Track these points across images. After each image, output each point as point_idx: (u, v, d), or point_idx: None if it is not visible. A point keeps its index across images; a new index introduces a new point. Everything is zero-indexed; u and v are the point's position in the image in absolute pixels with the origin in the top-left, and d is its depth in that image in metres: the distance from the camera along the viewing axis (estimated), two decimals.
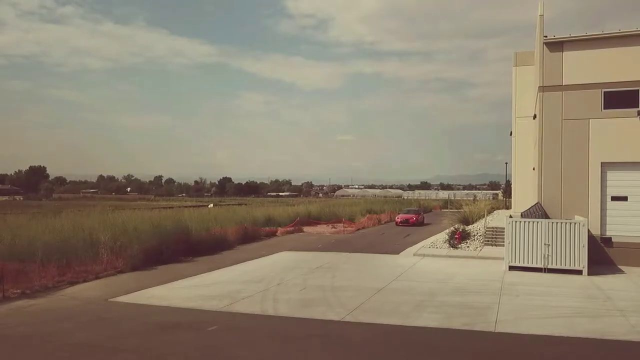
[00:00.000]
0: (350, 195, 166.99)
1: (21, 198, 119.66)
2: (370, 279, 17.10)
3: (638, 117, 19.68)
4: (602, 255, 19.87)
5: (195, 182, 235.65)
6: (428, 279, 17.10)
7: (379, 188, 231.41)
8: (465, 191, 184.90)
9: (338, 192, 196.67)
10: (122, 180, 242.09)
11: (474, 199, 71.71)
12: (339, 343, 10.27)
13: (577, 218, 19.13)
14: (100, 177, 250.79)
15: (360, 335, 10.74)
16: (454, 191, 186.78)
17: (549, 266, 18.17)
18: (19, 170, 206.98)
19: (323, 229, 37.44)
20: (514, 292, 14.85)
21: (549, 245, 18.25)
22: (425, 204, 76.05)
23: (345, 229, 36.39)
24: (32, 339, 10.60)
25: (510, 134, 30.90)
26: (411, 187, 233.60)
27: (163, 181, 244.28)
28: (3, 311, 13.07)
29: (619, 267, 19.24)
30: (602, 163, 20.32)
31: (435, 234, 30.55)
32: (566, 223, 18.30)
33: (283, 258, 22.61)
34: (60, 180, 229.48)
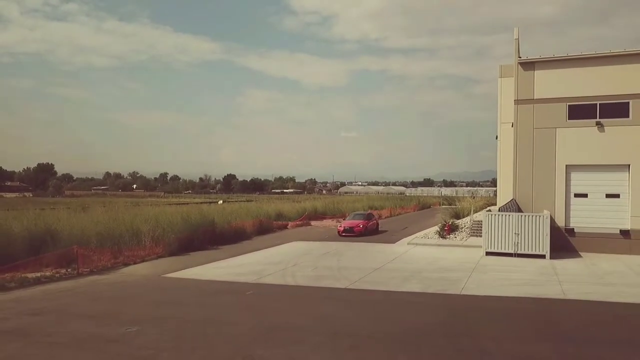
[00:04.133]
0: (353, 192, 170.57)
1: (30, 195, 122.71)
2: (369, 262, 20.83)
3: (596, 127, 23.31)
4: (566, 243, 23.54)
5: (200, 179, 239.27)
6: (417, 262, 20.83)
7: (382, 185, 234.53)
8: (468, 188, 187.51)
9: (342, 189, 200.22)
10: (128, 177, 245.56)
11: (472, 196, 75.22)
12: (344, 300, 14.03)
13: (544, 212, 22.77)
14: (107, 174, 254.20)
15: (360, 297, 14.50)
16: (457, 188, 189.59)
17: (519, 252, 21.82)
18: (27, 168, 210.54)
19: (329, 223, 41.16)
20: (484, 270, 18.57)
21: (518, 234, 21.92)
22: (425, 201, 79.75)
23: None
24: (122, 299, 14.40)
25: (496, 137, 34.47)
26: (414, 184, 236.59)
27: (168, 178, 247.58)
28: (85, 282, 16.90)
29: (580, 253, 22.89)
30: (566, 165, 23.95)
31: (428, 228, 34.23)
32: (532, 216, 21.98)
33: (295, 246, 26.38)
34: (68, 177, 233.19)
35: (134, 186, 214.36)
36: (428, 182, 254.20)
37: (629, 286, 15.59)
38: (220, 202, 74.02)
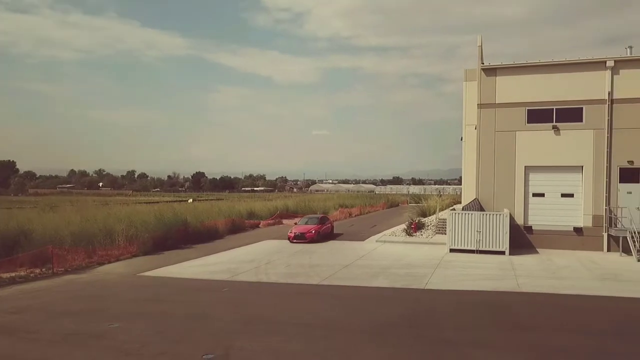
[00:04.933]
0: (324, 190, 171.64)
1: None
2: (340, 259, 21.70)
3: (553, 131, 24.79)
4: (525, 240, 24.96)
5: (169, 177, 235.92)
6: (385, 258, 21.81)
7: (352, 183, 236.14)
8: (436, 186, 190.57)
9: (312, 187, 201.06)
10: (94, 175, 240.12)
11: (439, 194, 77.15)
12: (316, 295, 14.83)
13: (504, 210, 24.10)
14: (72, 171, 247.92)
15: (330, 292, 15.33)
16: (425, 186, 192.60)
17: (480, 248, 23.06)
18: None
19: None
20: (447, 266, 19.68)
21: (480, 232, 23.16)
22: (394, 199, 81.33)
23: None
24: (101, 297, 14.82)
25: (461, 139, 35.88)
26: (384, 182, 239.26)
27: (136, 176, 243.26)
28: (62, 282, 17.21)
29: (537, 249, 24.32)
30: (525, 166, 25.36)
31: (396, 226, 35.38)
32: (493, 214, 23.26)
33: (268, 245, 27.05)
34: (30, 175, 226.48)
35: (100, 184, 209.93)
36: (397, 180, 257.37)
37: (578, 280, 16.91)
38: (190, 200, 73.76)
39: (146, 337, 10.63)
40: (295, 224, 30.58)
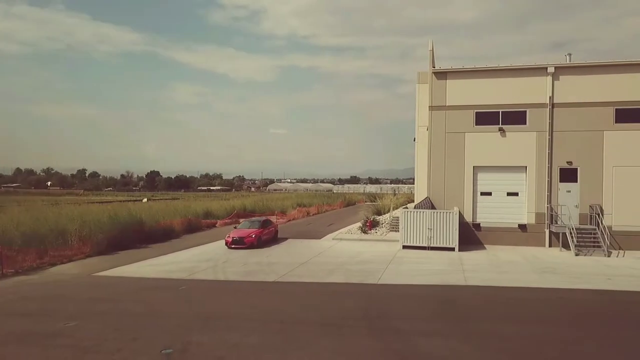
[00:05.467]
0: (282, 190, 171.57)
1: None
2: (297, 257, 22.13)
3: (499, 132, 26.09)
4: (474, 237, 26.16)
5: (122, 175, 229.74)
6: (340, 256, 22.40)
7: (310, 182, 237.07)
8: (392, 185, 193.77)
9: (270, 186, 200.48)
10: (42, 173, 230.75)
11: (394, 193, 78.88)
12: (273, 292, 15.21)
13: (454, 209, 25.18)
14: (17, 170, 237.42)
15: (288, 288, 15.74)
16: (381, 185, 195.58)
17: (432, 245, 24.03)
18: None
19: None
20: (400, 262, 20.46)
21: (431, 229, 24.13)
22: (351, 198, 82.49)
23: (277, 220, 41.21)
24: (54, 298, 14.66)
25: (414, 139, 37.05)
26: (341, 181, 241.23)
27: (87, 175, 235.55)
28: (12, 283, 16.88)
29: (485, 245, 25.55)
30: (474, 167, 26.57)
31: (352, 224, 36.15)
32: (443, 212, 24.28)
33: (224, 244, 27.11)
34: None
35: (49, 183, 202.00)
36: (355, 180, 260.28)
37: (520, 273, 18.01)
38: (145, 200, 72.41)
39: (103, 335, 10.71)
40: (235, 227, 27.76)
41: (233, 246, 25.00)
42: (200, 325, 11.40)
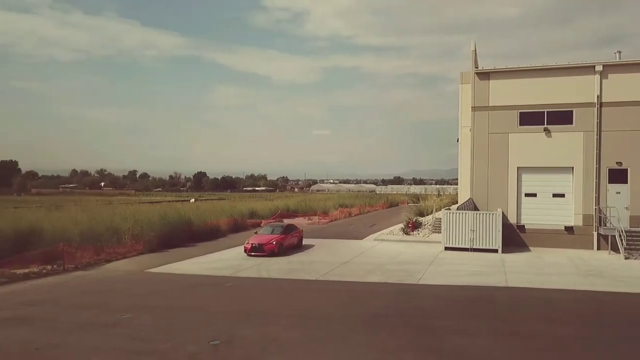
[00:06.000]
0: (325, 190, 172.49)
1: None
2: (338, 256, 22.57)
3: (544, 133, 25.63)
4: (518, 239, 25.80)
5: (170, 176, 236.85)
6: (381, 256, 22.67)
7: (353, 183, 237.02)
8: (437, 186, 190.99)
9: (313, 187, 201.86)
10: (96, 174, 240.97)
11: (438, 194, 78.03)
12: (314, 290, 15.72)
13: (497, 210, 24.94)
14: (74, 171, 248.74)
15: (328, 287, 16.22)
16: (426, 186, 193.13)
17: (474, 246, 23.92)
18: None
19: (300, 220, 42.74)
20: (440, 263, 20.53)
21: (474, 230, 24.01)
22: (394, 199, 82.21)
23: (319, 220, 41.86)
24: (110, 292, 15.72)
25: (457, 140, 36.74)
26: (384, 182, 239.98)
27: (137, 176, 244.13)
28: (72, 277, 18.13)
29: (530, 247, 25.16)
30: (518, 167, 26.20)
31: (394, 225, 36.25)
32: (486, 214, 24.10)
33: None
34: (32, 175, 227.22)
35: (102, 184, 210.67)
36: (398, 180, 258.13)
37: (563, 275, 17.76)
38: (193, 200, 74.71)
39: (155, 326, 11.51)
40: (256, 232, 25.75)
41: (252, 254, 22.88)
42: (244, 319, 12.02)
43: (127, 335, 10.79)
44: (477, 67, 27.03)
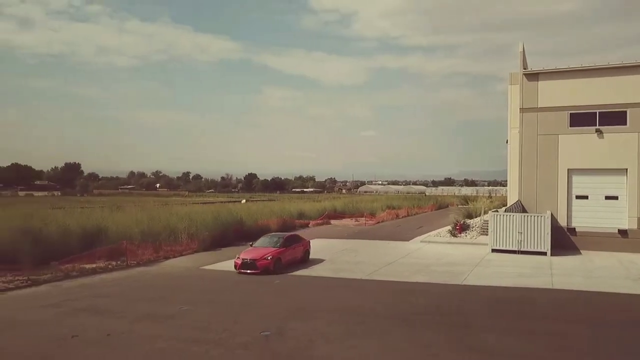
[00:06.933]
0: (373, 192, 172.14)
1: (59, 193, 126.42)
2: (384, 257, 23.05)
3: (596, 134, 25.10)
4: (568, 242, 25.39)
5: (222, 178, 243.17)
6: (427, 257, 22.97)
7: (402, 184, 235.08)
8: (489, 187, 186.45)
9: (361, 188, 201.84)
10: (152, 176, 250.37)
11: (489, 196, 76.60)
12: (359, 288, 16.35)
13: (546, 212, 24.65)
14: (131, 173, 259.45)
15: (373, 286, 16.79)
16: (477, 187, 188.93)
17: (522, 249, 23.76)
18: (55, 167, 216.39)
19: (347, 222, 43.43)
20: (487, 265, 20.64)
21: (521, 233, 23.86)
22: (443, 200, 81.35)
23: (366, 222, 42.34)
24: (170, 287, 16.96)
25: (506, 141, 36.27)
26: (435, 183, 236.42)
27: (191, 177, 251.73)
28: (135, 273, 19.56)
29: (580, 250, 24.71)
30: (568, 169, 25.77)
31: (442, 227, 36.22)
32: (535, 216, 23.89)
33: (317, 243, 28.65)
34: (94, 177, 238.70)
35: (158, 185, 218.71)
36: (449, 182, 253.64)
37: (613, 279, 17.52)
38: (244, 201, 76.82)
39: (211, 318, 12.51)
40: (251, 245, 21.54)
41: (242, 271, 19.18)
42: (292, 314, 12.82)
43: (186, 325, 11.82)
44: (525, 68, 26.79)
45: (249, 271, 19.07)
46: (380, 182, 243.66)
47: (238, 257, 19.82)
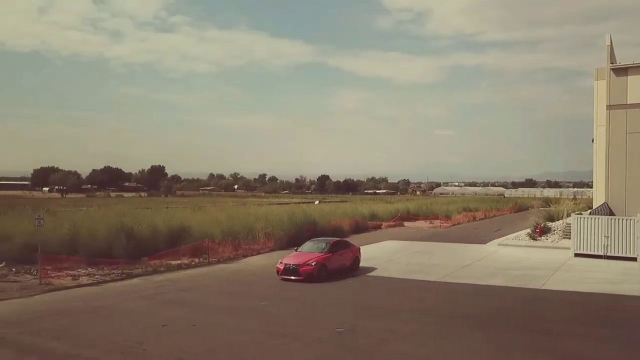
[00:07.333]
0: (448, 193, 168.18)
1: (145, 195, 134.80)
2: (458, 260, 22.70)
3: None
4: None
5: (296, 179, 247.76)
6: (504, 260, 22.35)
7: (480, 186, 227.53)
8: (574, 189, 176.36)
9: (437, 190, 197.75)
10: (230, 178, 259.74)
11: (574, 198, 72.52)
12: (433, 290, 16.33)
13: (637, 215, 23.09)
14: (211, 175, 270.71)
15: (446, 287, 16.69)
16: (561, 189, 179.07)
17: (608, 254, 22.43)
18: (142, 170, 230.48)
19: (421, 224, 42.96)
20: (568, 269, 19.76)
21: (608, 237, 22.54)
22: (524, 203, 77.94)
23: (441, 224, 41.66)
24: (248, 283, 17.88)
25: (592, 140, 34.25)
26: (515, 185, 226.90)
27: (267, 179, 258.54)
28: (216, 269, 20.74)
29: None
30: None
31: (521, 230, 34.90)
32: (623, 219, 22.49)
33: (389, 245, 28.78)
34: (176, 178, 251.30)
35: (236, 187, 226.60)
36: (530, 183, 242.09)
37: None
38: (317, 202, 78.06)
39: (287, 313, 13.10)
40: (296, 249, 20.36)
41: (284, 276, 18.15)
42: (365, 312, 13.11)
43: (264, 319, 12.47)
44: (613, 62, 25.32)
45: (292, 277, 17.92)
46: (457, 184, 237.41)
47: (281, 262, 18.74)
